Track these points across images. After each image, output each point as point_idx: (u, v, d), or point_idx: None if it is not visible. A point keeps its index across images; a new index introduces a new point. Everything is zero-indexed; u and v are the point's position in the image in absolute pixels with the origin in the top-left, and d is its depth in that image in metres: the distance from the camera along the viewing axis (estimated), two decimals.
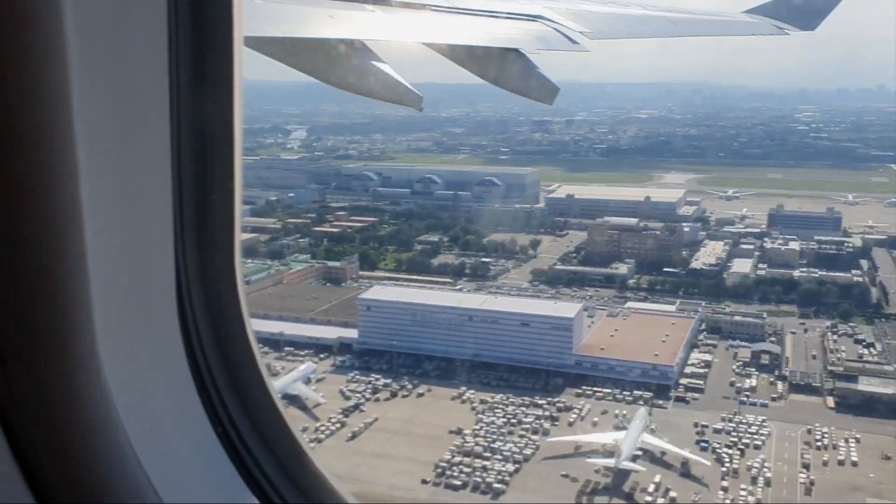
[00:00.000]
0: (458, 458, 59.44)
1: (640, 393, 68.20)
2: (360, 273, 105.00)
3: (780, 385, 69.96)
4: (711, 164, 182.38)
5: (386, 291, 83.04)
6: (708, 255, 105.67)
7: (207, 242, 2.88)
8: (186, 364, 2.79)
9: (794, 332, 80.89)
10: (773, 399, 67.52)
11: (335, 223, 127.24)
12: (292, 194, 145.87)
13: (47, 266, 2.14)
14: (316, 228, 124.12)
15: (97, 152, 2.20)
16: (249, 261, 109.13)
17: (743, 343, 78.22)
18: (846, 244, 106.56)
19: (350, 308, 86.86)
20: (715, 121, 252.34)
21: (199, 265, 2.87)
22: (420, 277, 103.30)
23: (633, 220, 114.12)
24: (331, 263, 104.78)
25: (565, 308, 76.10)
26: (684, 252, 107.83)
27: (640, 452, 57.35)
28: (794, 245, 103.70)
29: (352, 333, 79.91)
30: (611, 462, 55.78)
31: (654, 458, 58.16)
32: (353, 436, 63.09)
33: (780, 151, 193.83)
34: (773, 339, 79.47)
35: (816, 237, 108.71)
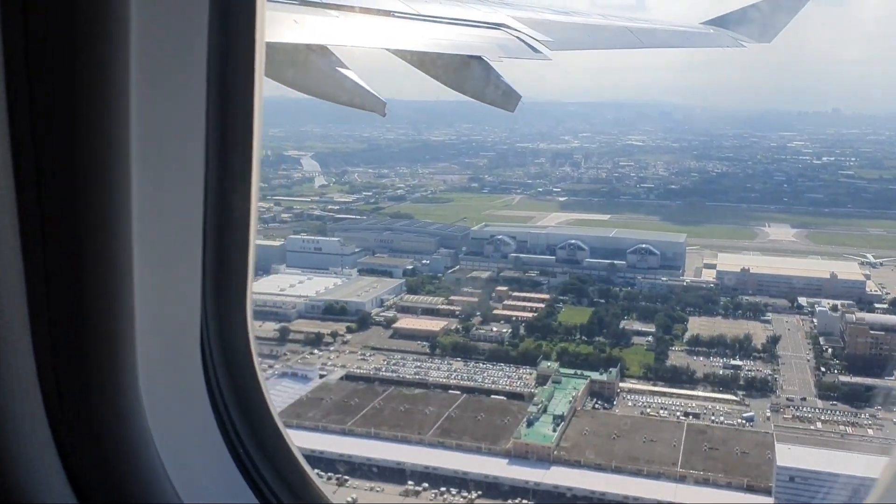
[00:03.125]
0: None
1: None
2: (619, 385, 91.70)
3: None
4: (790, 212, 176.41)
5: (801, 455, 69.88)
6: None
7: (224, 279, 3.24)
8: (204, 386, 3.25)
9: None
10: None
11: (508, 303, 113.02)
12: (426, 261, 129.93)
13: (97, 294, 2.53)
14: (497, 311, 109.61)
15: (147, 184, 2.55)
16: (496, 366, 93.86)
17: None
18: None
19: (716, 462, 73.85)
20: (717, 151, 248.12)
21: (216, 303, 3.25)
22: (692, 393, 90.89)
23: (892, 319, 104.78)
24: (593, 375, 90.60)
25: None
26: None
27: None
28: None
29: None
30: None
31: None
32: None
33: (842, 196, 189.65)
34: None
35: None
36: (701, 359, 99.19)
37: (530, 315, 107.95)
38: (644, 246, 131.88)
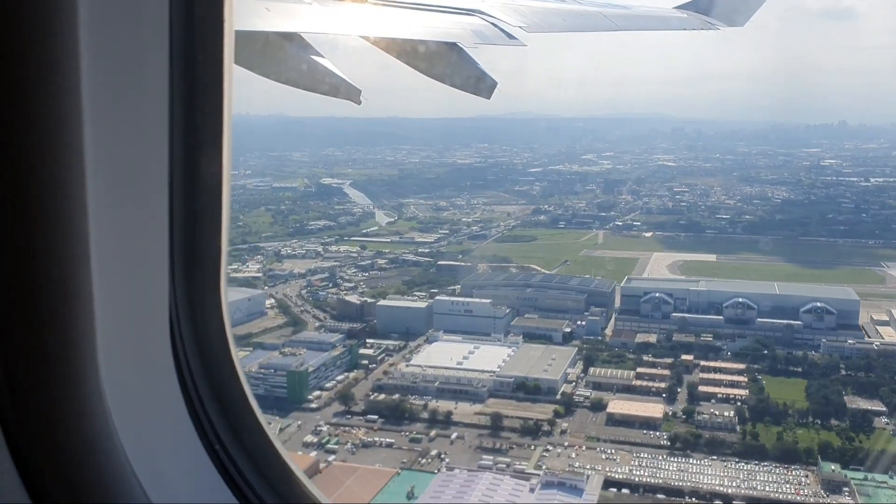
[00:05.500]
0: None
1: None
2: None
3: None
4: (891, 247, 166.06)
5: None
6: None
7: (195, 263, 3.06)
8: (176, 378, 3.05)
9: None
10: None
11: (705, 377, 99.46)
12: (581, 322, 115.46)
13: (51, 278, 2.42)
14: (701, 388, 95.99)
15: (103, 161, 2.44)
16: (760, 465, 79.55)
17: None
18: None
19: None
20: (756, 172, 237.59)
21: (186, 282, 3.06)
22: None
23: None
24: (889, 480, 77.29)
25: None
26: None
27: None
28: None
29: None
30: None
31: None
32: None
33: None
34: None
35: None
36: None
37: (739, 392, 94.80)
38: (820, 304, 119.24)
